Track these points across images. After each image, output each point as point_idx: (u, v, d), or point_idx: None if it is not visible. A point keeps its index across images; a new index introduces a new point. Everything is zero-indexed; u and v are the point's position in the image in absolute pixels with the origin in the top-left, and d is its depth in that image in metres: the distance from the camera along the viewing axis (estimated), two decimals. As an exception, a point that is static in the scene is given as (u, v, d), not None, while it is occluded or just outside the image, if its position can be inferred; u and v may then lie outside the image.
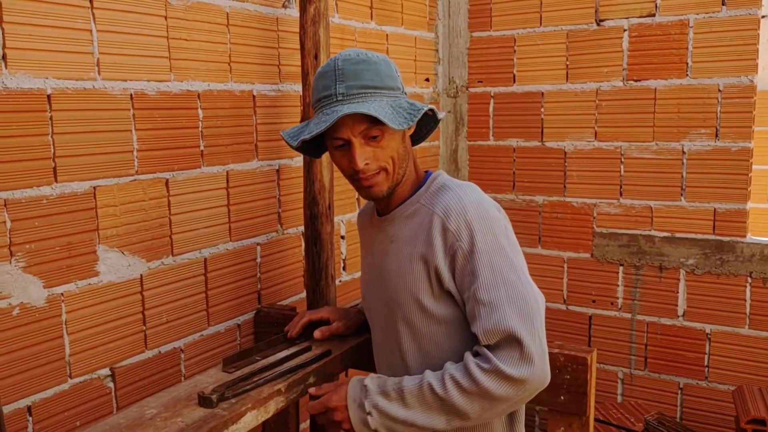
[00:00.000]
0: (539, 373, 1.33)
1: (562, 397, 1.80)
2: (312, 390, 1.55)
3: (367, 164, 1.45)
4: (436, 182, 1.52)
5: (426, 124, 1.62)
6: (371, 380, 1.45)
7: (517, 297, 1.36)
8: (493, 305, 1.35)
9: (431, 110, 1.51)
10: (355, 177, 1.48)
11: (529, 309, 1.36)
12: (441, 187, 1.50)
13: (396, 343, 1.54)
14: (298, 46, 2.22)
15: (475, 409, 1.34)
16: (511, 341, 1.32)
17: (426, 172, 1.60)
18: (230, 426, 1.40)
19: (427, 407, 1.36)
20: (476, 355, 1.37)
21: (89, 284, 1.74)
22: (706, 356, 2.96)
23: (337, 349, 1.74)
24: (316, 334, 1.82)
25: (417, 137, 1.64)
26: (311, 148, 1.63)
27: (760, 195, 4.75)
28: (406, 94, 1.51)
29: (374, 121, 1.40)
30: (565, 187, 3.17)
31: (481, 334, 1.34)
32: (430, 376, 1.38)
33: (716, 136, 2.84)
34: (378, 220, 1.61)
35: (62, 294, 1.68)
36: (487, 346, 1.35)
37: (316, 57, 2.11)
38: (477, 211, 1.42)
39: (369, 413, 1.39)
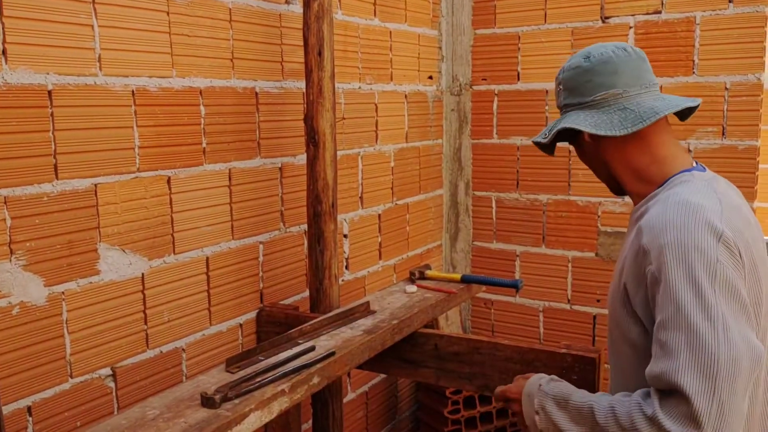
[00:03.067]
0: None
1: (569, 398, 1.77)
2: (497, 389, 1.54)
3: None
4: (668, 189, 1.33)
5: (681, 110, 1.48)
6: (548, 382, 1.40)
7: (701, 349, 1.13)
8: (669, 350, 1.16)
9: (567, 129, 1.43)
10: None
11: (713, 366, 1.12)
12: (665, 196, 1.31)
13: (610, 353, 1.48)
14: (301, 43, 2.19)
15: None
16: (680, 396, 1.13)
17: (693, 166, 1.38)
18: (234, 427, 1.37)
19: (583, 422, 1.28)
20: (646, 395, 1.21)
21: (90, 283, 1.72)
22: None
23: (341, 350, 1.72)
24: None
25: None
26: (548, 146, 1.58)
27: (766, 194, 4.72)
28: (569, 106, 1.43)
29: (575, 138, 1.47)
30: (569, 185, 3.14)
31: (649, 377, 1.19)
32: (596, 399, 1.28)
33: (723, 134, 2.81)
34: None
35: (63, 293, 1.66)
36: (659, 391, 1.18)
37: (319, 53, 2.08)
38: (679, 235, 1.20)
39: (537, 412, 1.36)
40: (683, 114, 1.52)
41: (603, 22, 2.99)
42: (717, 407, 1.11)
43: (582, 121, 1.38)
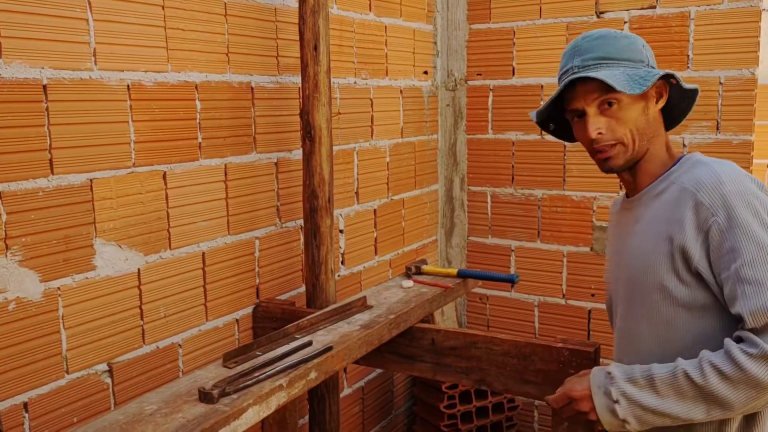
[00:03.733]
0: None
1: (565, 392, 1.78)
2: (550, 396, 1.50)
3: (600, 134, 1.41)
4: (690, 160, 1.43)
5: (684, 101, 1.51)
6: (616, 368, 1.38)
7: None
8: (762, 283, 1.23)
9: (672, 77, 1.42)
10: (592, 149, 1.45)
11: None
12: (695, 163, 1.41)
13: (633, 327, 1.46)
14: (297, 37, 2.18)
15: (740, 398, 1.24)
16: None
17: (682, 155, 1.50)
18: (232, 422, 1.37)
19: (682, 396, 1.28)
20: (739, 340, 1.26)
21: (86, 278, 1.71)
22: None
23: (338, 345, 1.72)
24: None
25: (673, 116, 1.54)
26: (563, 132, 1.60)
27: (758, 189, 4.73)
28: (654, 68, 1.44)
29: (606, 89, 1.38)
30: (564, 180, 3.15)
31: (748, 315, 1.23)
32: (683, 363, 1.29)
33: (717, 128, 2.82)
34: (627, 202, 1.54)
35: (59, 288, 1.65)
36: (752, 330, 1.24)
37: (315, 48, 2.08)
38: (734, 185, 1.31)
39: (617, 401, 1.32)
40: (681, 114, 1.57)
41: (598, 17, 2.99)
42: None
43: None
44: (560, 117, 1.56)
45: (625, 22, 2.94)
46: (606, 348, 3.09)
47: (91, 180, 1.71)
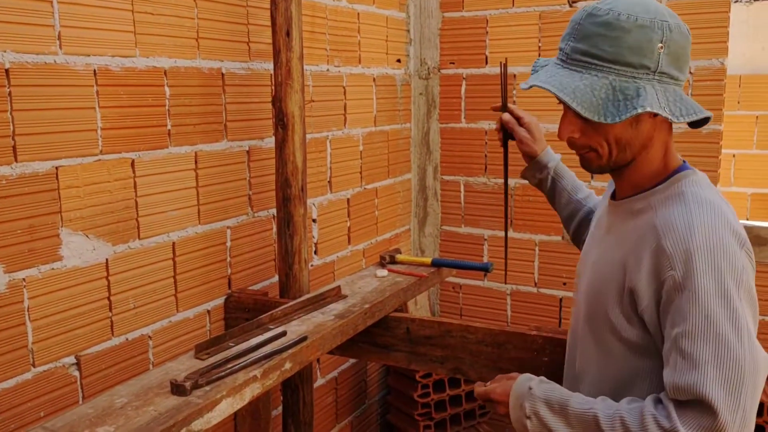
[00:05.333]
0: None
1: (540, 380, 1.78)
2: (479, 388, 1.42)
3: (571, 138, 1.26)
4: (677, 186, 1.25)
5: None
6: (539, 385, 1.30)
7: (729, 361, 1.11)
8: (695, 362, 1.11)
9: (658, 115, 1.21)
10: (568, 145, 1.31)
11: (739, 379, 1.10)
12: (678, 194, 1.24)
13: (578, 339, 1.39)
14: (268, 23, 2.14)
15: None
16: (704, 409, 1.10)
17: (682, 163, 1.32)
18: (205, 414, 1.34)
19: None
20: (658, 403, 1.17)
21: (52, 269, 1.67)
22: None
23: (313, 335, 1.70)
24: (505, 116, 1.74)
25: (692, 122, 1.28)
26: None
27: (725, 179, 4.83)
28: (664, 74, 1.18)
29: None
30: (537, 169, 3.15)
31: (671, 387, 1.14)
32: (600, 406, 1.21)
33: (687, 118, 2.85)
34: (609, 203, 1.40)
35: (24, 279, 1.60)
36: (675, 400, 1.14)
37: (288, 34, 2.04)
38: (706, 240, 1.14)
39: (529, 417, 1.27)
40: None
41: (570, 6, 3.00)
42: (740, 418, 1.10)
43: (676, 98, 1.19)
44: None
45: (597, 12, 2.95)
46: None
47: (56, 168, 1.66)
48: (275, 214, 2.22)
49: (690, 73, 2.81)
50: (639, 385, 1.26)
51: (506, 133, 1.74)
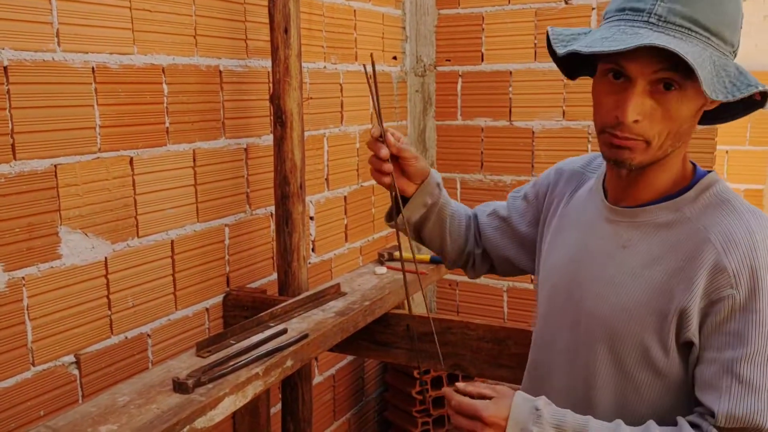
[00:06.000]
0: None
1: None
2: (462, 385, 1.17)
3: (636, 121, 1.04)
4: (713, 191, 1.12)
5: (735, 105, 1.12)
6: (546, 406, 1.11)
7: None
8: (754, 388, 1.03)
9: (763, 94, 1.05)
10: (608, 127, 1.08)
11: None
12: (721, 202, 1.11)
13: (585, 367, 1.18)
14: (266, 20, 2.14)
15: None
16: None
17: (694, 166, 1.18)
18: (208, 412, 1.34)
19: None
20: (695, 426, 1.07)
21: (51, 267, 1.66)
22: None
23: (314, 332, 1.70)
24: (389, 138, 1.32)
25: (711, 116, 1.16)
26: (572, 62, 1.22)
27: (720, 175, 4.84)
28: (735, 55, 1.07)
29: (678, 71, 1.00)
30: (533, 166, 3.16)
31: (724, 415, 1.03)
32: (626, 429, 1.08)
33: (682, 115, 2.86)
34: (608, 208, 1.20)
35: (23, 278, 1.60)
36: (713, 425, 1.05)
37: (286, 31, 2.04)
38: None
39: None
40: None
41: (566, 3, 3.00)
42: None
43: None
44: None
45: (593, 8, 2.95)
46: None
47: (55, 166, 1.65)
48: (273, 212, 2.22)
49: (685, 69, 2.83)
50: (667, 414, 1.14)
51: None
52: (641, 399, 1.14)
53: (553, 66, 3.09)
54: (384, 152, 1.24)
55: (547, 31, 1.16)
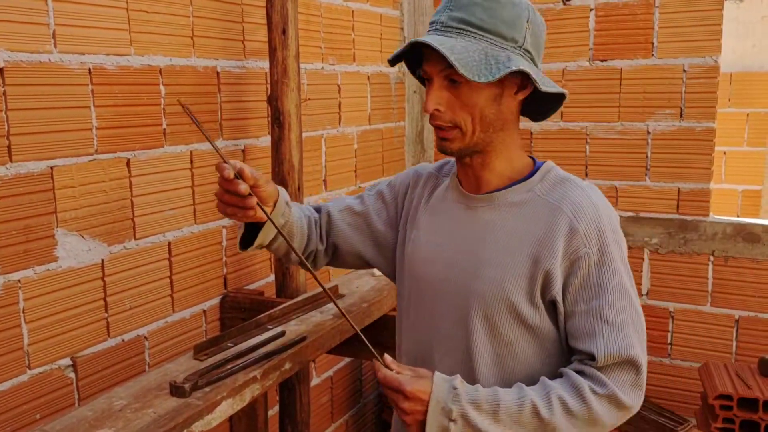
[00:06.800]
0: (640, 401, 1.24)
1: (539, 378, 1.78)
2: (389, 360, 1.25)
3: (438, 110, 1.23)
4: (553, 173, 1.30)
5: (550, 100, 1.31)
6: (462, 385, 1.22)
7: (639, 321, 1.25)
8: (620, 327, 1.21)
9: (522, 73, 1.21)
10: (431, 124, 1.28)
11: (643, 332, 1.26)
12: (562, 180, 1.29)
13: (464, 341, 1.30)
14: (263, 21, 2.13)
15: (575, 430, 1.21)
16: (630, 367, 1.22)
17: (533, 159, 1.35)
18: (206, 416, 1.34)
19: (521, 427, 1.20)
20: (580, 373, 1.22)
21: (48, 270, 1.65)
22: (669, 334, 3.00)
23: (312, 335, 1.69)
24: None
25: (536, 111, 1.35)
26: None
27: (716, 177, 4.85)
28: (527, 52, 1.23)
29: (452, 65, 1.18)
30: (531, 167, 3.15)
31: (602, 355, 1.20)
32: (530, 393, 1.20)
33: (681, 116, 2.86)
34: (463, 195, 1.35)
35: (19, 281, 1.58)
36: (594, 367, 1.21)
37: (284, 32, 2.03)
38: (610, 220, 1.25)
39: (454, 420, 1.18)
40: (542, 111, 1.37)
41: (564, 4, 3.00)
42: (646, 362, 1.25)
43: (539, 74, 1.23)
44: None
45: (591, 9, 2.95)
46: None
47: (51, 168, 1.64)
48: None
49: (684, 71, 2.83)
50: (543, 370, 1.28)
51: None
52: (518, 361, 1.28)
53: (552, 67, 3.08)
54: (244, 188, 1.22)
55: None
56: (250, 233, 1.39)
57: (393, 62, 1.32)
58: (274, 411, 2.44)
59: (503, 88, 1.22)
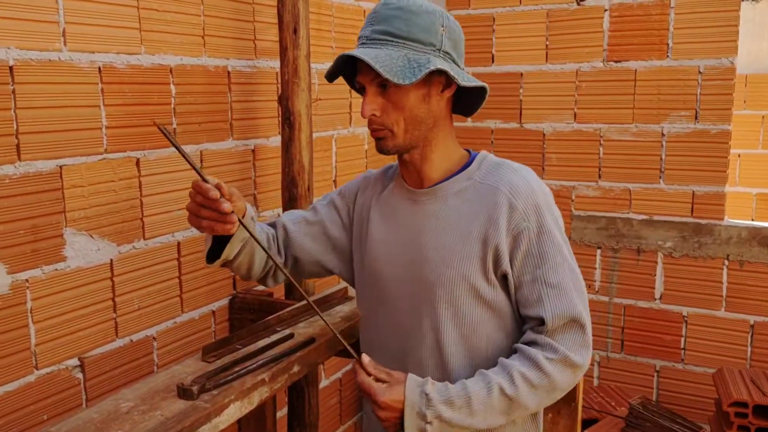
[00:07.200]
0: (589, 358, 1.36)
1: (551, 383, 1.76)
2: (366, 361, 1.39)
3: (373, 115, 1.35)
4: (488, 160, 1.43)
5: (478, 96, 1.44)
6: (432, 388, 1.32)
7: (580, 284, 1.37)
8: (563, 289, 1.33)
9: (442, 71, 1.31)
10: (368, 126, 1.39)
11: (583, 291, 1.38)
12: (498, 165, 1.41)
13: (432, 329, 1.39)
14: (274, 20, 2.12)
15: (537, 402, 1.32)
16: (576, 326, 1.33)
17: (467, 150, 1.48)
18: (213, 419, 1.32)
19: (492, 410, 1.30)
20: (533, 344, 1.34)
21: (56, 270, 1.64)
22: (683, 339, 2.96)
23: (321, 337, 1.67)
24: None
25: (464, 109, 1.48)
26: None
27: (730, 179, 4.80)
28: (447, 54, 1.34)
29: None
30: (543, 169, 3.13)
31: (550, 317, 1.32)
32: (494, 377, 1.31)
33: (696, 118, 2.82)
34: (409, 192, 1.45)
35: (27, 280, 1.58)
36: (549, 332, 1.32)
37: (295, 31, 2.01)
38: (543, 195, 1.38)
39: (430, 422, 1.29)
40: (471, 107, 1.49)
41: (578, 4, 2.97)
42: (589, 317, 1.37)
43: (459, 72, 1.35)
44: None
45: (606, 10, 2.92)
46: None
47: (60, 167, 1.63)
48: (280, 214, 2.19)
49: (699, 72, 2.79)
50: (504, 345, 1.40)
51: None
52: (482, 340, 1.39)
53: (566, 67, 3.06)
54: (227, 206, 1.27)
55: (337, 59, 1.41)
56: (212, 249, 1.44)
57: (330, 78, 1.42)
58: (282, 413, 2.43)
59: (430, 88, 1.34)
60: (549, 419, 1.78)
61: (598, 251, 3.07)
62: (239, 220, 1.30)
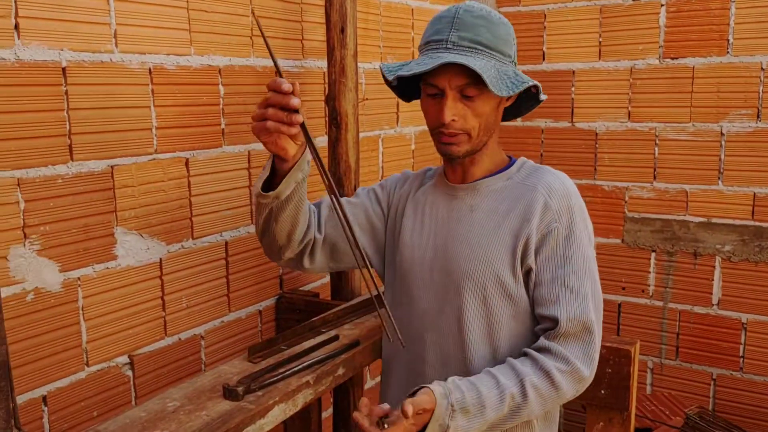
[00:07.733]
0: (594, 372, 1.37)
1: (602, 391, 1.71)
2: (365, 412, 1.25)
3: (454, 120, 1.36)
4: (528, 164, 1.49)
5: (526, 102, 1.48)
6: (455, 397, 1.27)
7: (597, 292, 1.39)
8: (580, 294, 1.35)
9: (535, 87, 1.40)
10: (437, 131, 1.40)
11: (601, 308, 1.39)
12: (537, 168, 1.47)
13: (456, 316, 1.43)
14: (322, 20, 2.11)
15: (541, 410, 1.34)
16: (586, 336, 1.34)
17: (510, 156, 1.53)
18: (258, 420, 1.32)
19: (500, 416, 1.31)
20: (546, 351, 1.34)
21: (107, 268, 1.66)
22: (742, 346, 2.85)
23: (365, 340, 1.65)
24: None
25: (512, 113, 1.51)
26: (404, 90, 1.52)
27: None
28: (515, 64, 1.41)
29: (474, 79, 1.31)
30: (595, 169, 3.05)
31: (565, 319, 1.33)
32: (507, 385, 1.30)
33: (758, 117, 2.71)
34: (448, 186, 1.50)
35: (79, 278, 1.60)
36: (562, 335, 1.33)
37: (342, 31, 2.00)
38: (577, 200, 1.41)
39: (447, 427, 1.26)
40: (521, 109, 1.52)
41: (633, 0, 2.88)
42: (600, 330, 1.39)
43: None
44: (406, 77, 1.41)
45: (662, 5, 2.82)
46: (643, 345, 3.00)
47: (111, 167, 1.65)
48: (327, 214, 2.19)
49: (761, 69, 2.67)
50: (521, 343, 1.41)
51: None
52: (501, 327, 1.41)
53: (620, 65, 2.98)
54: (296, 102, 1.21)
55: (380, 68, 1.44)
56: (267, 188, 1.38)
57: (398, 80, 1.42)
58: (327, 413, 2.42)
59: (501, 98, 1.38)
60: (600, 428, 1.73)
61: (653, 254, 2.97)
62: (302, 126, 1.25)
